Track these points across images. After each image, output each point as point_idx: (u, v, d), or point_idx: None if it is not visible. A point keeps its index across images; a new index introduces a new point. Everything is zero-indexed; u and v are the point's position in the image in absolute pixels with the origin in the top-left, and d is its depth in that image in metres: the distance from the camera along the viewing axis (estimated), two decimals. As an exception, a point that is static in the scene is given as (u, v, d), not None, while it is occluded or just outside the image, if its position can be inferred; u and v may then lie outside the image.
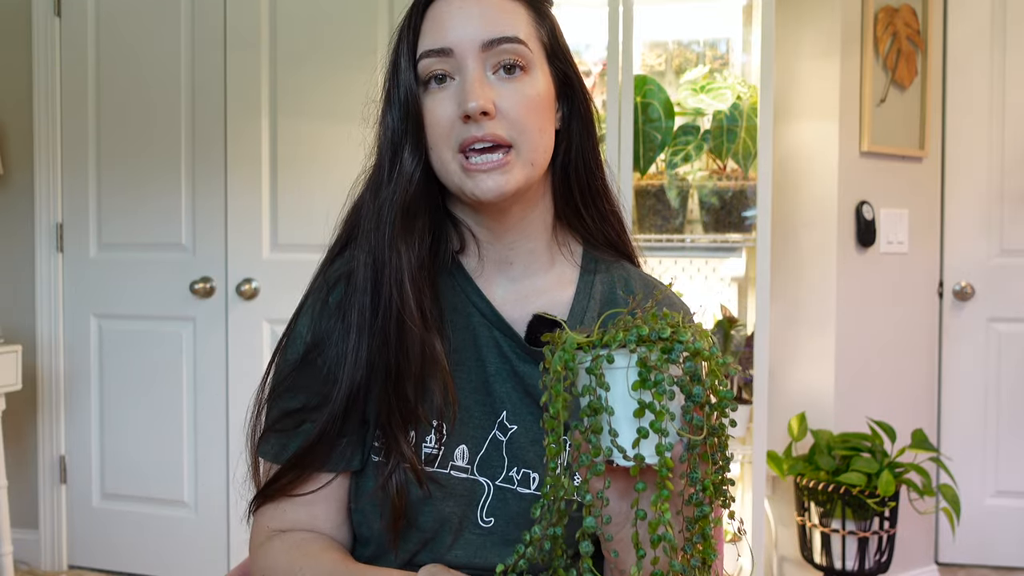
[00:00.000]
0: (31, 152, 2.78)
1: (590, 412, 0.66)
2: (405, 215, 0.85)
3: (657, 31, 2.42)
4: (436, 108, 0.84)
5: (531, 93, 0.84)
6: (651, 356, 0.65)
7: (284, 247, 2.61)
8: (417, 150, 0.85)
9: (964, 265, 2.76)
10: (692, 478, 0.67)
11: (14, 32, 2.79)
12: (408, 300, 0.83)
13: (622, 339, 0.66)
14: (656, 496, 0.64)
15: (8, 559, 2.45)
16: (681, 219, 2.24)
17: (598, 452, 0.66)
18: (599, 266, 0.95)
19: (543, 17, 0.89)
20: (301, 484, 0.87)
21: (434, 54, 0.83)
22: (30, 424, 2.80)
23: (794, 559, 2.49)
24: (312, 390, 0.87)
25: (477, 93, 0.81)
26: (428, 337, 0.84)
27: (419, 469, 0.83)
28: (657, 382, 0.64)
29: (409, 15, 0.87)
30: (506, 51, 0.83)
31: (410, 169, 0.85)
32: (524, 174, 0.84)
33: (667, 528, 0.64)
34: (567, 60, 0.90)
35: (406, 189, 0.85)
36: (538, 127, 0.85)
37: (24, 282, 2.81)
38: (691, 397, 0.65)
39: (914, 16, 2.61)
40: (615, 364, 0.66)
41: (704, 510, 0.67)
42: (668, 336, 0.66)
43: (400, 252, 0.85)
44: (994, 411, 2.77)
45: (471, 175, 0.83)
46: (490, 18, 0.83)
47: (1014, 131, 2.73)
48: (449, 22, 0.83)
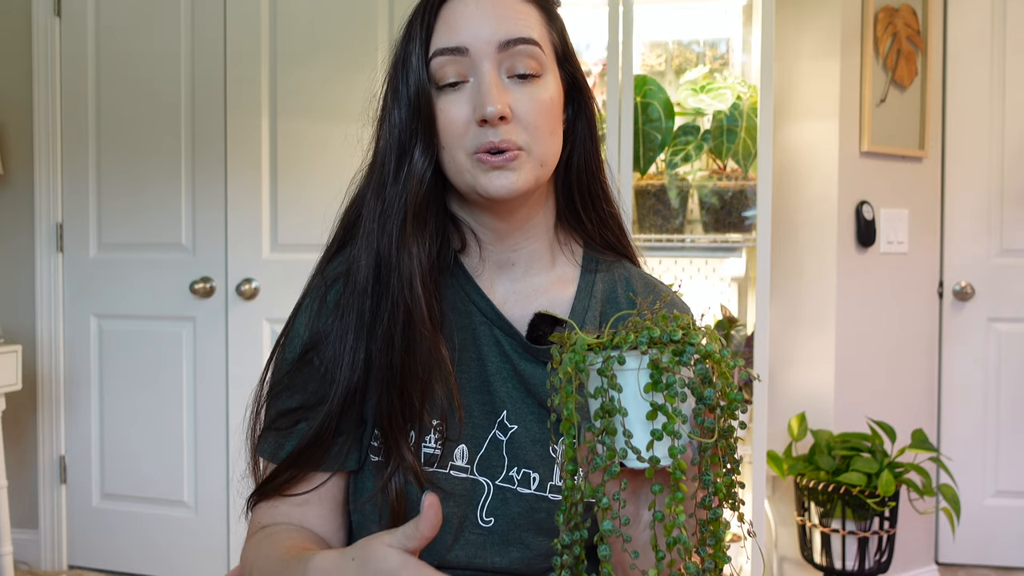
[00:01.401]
0: (31, 152, 2.78)
1: (603, 414, 0.65)
2: (416, 216, 0.84)
3: (657, 31, 2.42)
4: (450, 109, 0.83)
5: (544, 97, 0.84)
6: (663, 358, 0.64)
7: (284, 247, 2.61)
8: (429, 149, 0.84)
9: (964, 265, 2.76)
10: (704, 480, 0.67)
11: (14, 32, 2.79)
12: (420, 303, 0.83)
13: (633, 341, 0.66)
14: (670, 498, 0.64)
15: (8, 559, 2.45)
16: (681, 219, 2.24)
17: (612, 454, 0.65)
18: (600, 265, 0.95)
19: (553, 19, 0.89)
20: (296, 483, 0.86)
21: (448, 52, 0.83)
22: (30, 424, 2.80)
23: (794, 559, 2.49)
24: (309, 389, 0.86)
25: (496, 97, 0.80)
26: (437, 340, 0.83)
27: (420, 472, 0.83)
28: (669, 384, 0.64)
29: (422, 13, 0.85)
30: (521, 52, 0.82)
31: (421, 169, 0.84)
32: (534, 175, 0.84)
33: (681, 530, 0.64)
34: (575, 63, 0.91)
35: (417, 189, 0.84)
36: (549, 130, 0.85)
37: (24, 282, 2.81)
38: (702, 400, 0.65)
39: (914, 16, 2.61)
40: (626, 366, 0.65)
41: (716, 512, 0.67)
42: (679, 339, 0.65)
43: (412, 254, 0.84)
44: (994, 411, 2.76)
45: (485, 171, 0.82)
46: (506, 18, 0.83)
47: (1014, 131, 2.73)
48: (464, 21, 0.83)
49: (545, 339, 0.87)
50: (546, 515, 0.86)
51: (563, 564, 0.68)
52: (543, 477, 0.86)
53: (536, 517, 0.86)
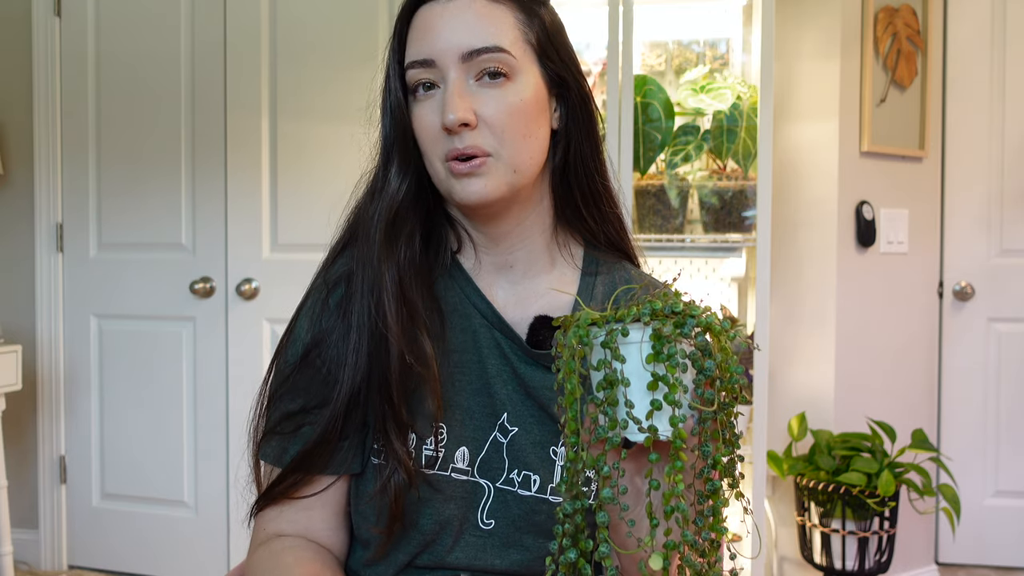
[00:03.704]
0: (31, 152, 2.78)
1: (606, 385, 0.67)
2: (389, 228, 0.86)
3: (657, 31, 2.42)
4: (424, 117, 0.84)
5: (514, 100, 0.83)
6: (664, 328, 0.66)
7: (284, 247, 2.61)
8: (406, 160, 0.86)
9: (964, 265, 2.76)
10: (704, 451, 0.68)
11: (14, 32, 2.79)
12: (385, 313, 0.84)
13: (636, 313, 0.68)
14: (670, 467, 0.65)
15: (8, 559, 2.45)
16: (681, 219, 2.24)
17: (614, 424, 0.67)
18: (600, 267, 0.95)
19: (532, 17, 0.86)
20: (303, 487, 0.86)
21: (418, 65, 0.83)
22: (30, 424, 2.80)
23: (794, 559, 2.49)
24: (312, 392, 0.86)
25: (455, 105, 0.80)
26: (413, 348, 0.84)
27: (412, 472, 0.83)
28: (671, 355, 0.65)
29: (397, 23, 0.87)
30: (488, 60, 0.82)
31: (396, 182, 0.87)
32: (506, 180, 0.83)
33: (680, 499, 0.65)
34: (561, 60, 0.88)
35: (391, 205, 0.87)
36: (522, 133, 0.83)
37: (24, 282, 2.81)
38: (703, 371, 0.67)
39: (914, 16, 2.61)
40: (629, 338, 0.67)
41: (715, 484, 0.68)
42: (681, 310, 0.67)
43: (391, 262, 0.85)
44: (994, 411, 2.76)
45: (457, 179, 0.83)
46: (472, 26, 0.82)
47: (1014, 131, 2.73)
48: (431, 32, 0.83)
49: (545, 343, 0.87)
50: (546, 517, 0.86)
51: (564, 532, 0.69)
52: (543, 479, 0.86)
53: (536, 519, 0.86)
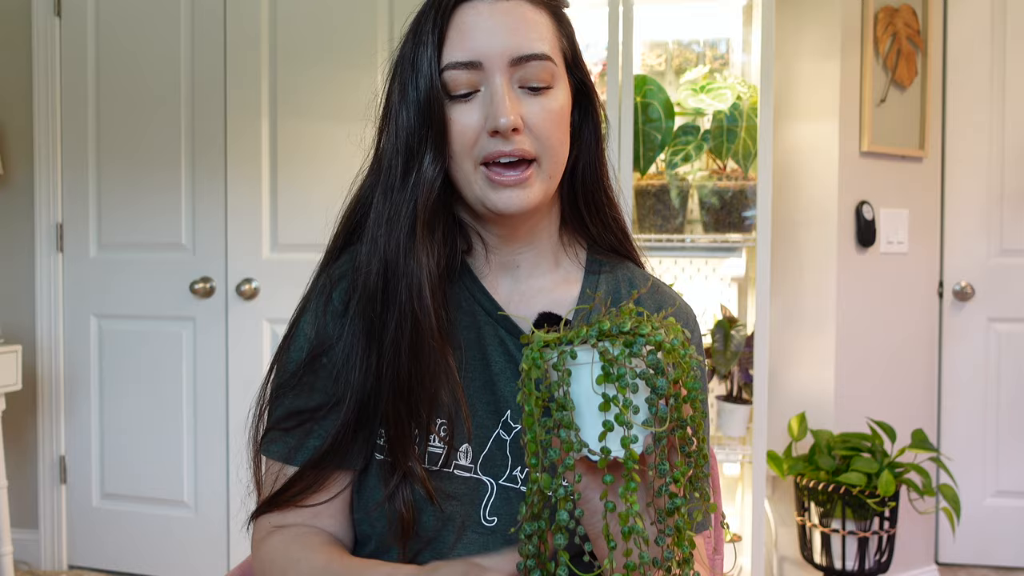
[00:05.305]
0: (31, 152, 2.78)
1: (557, 408, 0.67)
2: (426, 224, 0.83)
3: (657, 31, 2.42)
4: (461, 118, 0.83)
5: (555, 108, 0.84)
6: (612, 350, 0.66)
7: (284, 247, 2.61)
8: (439, 157, 0.83)
9: (964, 265, 2.76)
10: (660, 470, 0.68)
11: (14, 32, 2.79)
12: (428, 314, 0.82)
13: (584, 334, 0.67)
14: (624, 488, 0.65)
15: (8, 559, 2.45)
16: (681, 219, 2.24)
17: (569, 447, 0.67)
18: (603, 267, 0.96)
19: (563, 24, 0.88)
20: (311, 495, 0.86)
21: (462, 67, 0.82)
22: (30, 424, 2.80)
23: (794, 559, 2.49)
24: (317, 390, 0.86)
25: (508, 109, 0.80)
26: (445, 351, 0.83)
27: (429, 485, 0.82)
28: (620, 375, 0.65)
29: (434, 16, 0.83)
30: (534, 67, 0.82)
31: (432, 177, 0.83)
32: (544, 188, 0.85)
33: (636, 520, 0.65)
34: (584, 68, 0.90)
35: (427, 197, 0.83)
36: (560, 140, 0.85)
37: (24, 282, 2.81)
38: (655, 390, 0.66)
39: (914, 16, 2.61)
40: (579, 359, 0.67)
41: (676, 503, 0.67)
42: (629, 330, 0.67)
43: (421, 262, 0.83)
44: (994, 411, 2.77)
45: (495, 188, 0.82)
46: (518, 31, 0.82)
47: (1014, 131, 2.73)
48: (477, 32, 0.82)
49: None
50: None
51: (528, 555, 0.70)
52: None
53: (538, 517, 0.86)
